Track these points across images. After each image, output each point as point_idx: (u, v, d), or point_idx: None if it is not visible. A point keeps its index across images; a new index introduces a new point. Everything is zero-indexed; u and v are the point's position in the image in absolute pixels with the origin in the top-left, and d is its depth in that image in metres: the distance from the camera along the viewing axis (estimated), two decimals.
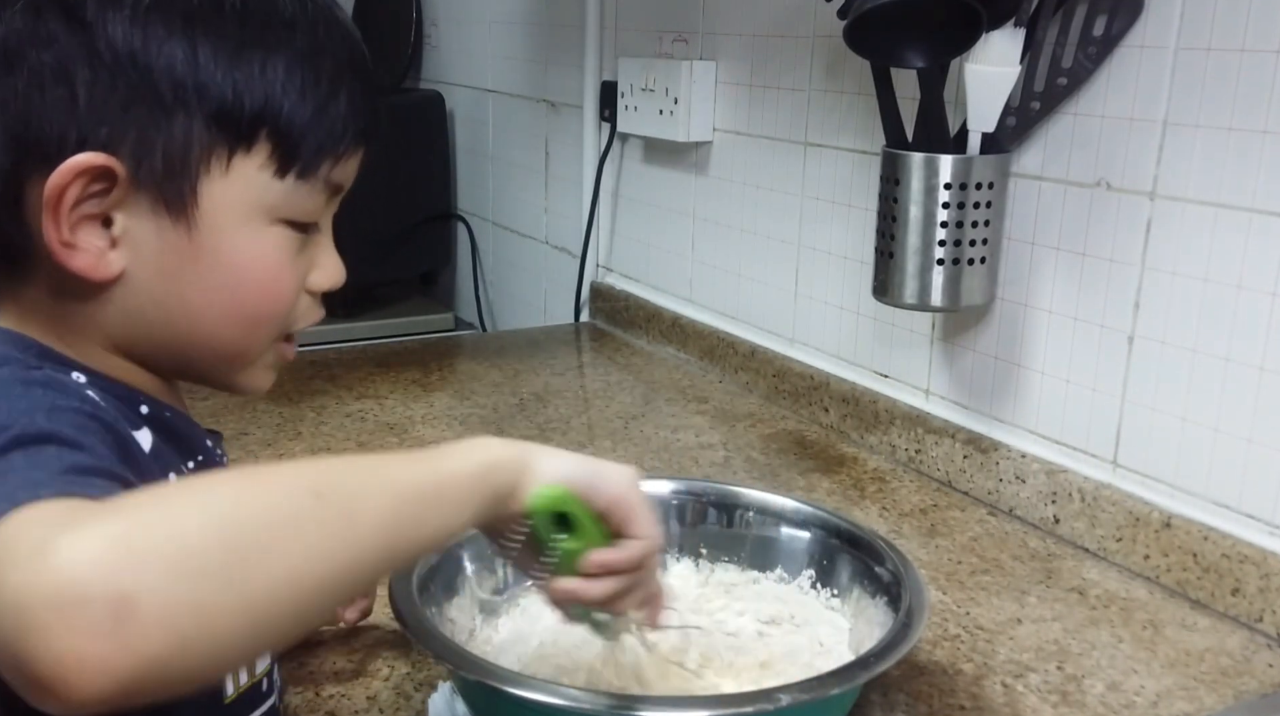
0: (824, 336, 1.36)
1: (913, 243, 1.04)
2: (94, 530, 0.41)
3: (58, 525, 0.42)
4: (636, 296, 1.69)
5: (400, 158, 2.07)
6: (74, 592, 0.40)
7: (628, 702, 0.67)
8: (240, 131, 0.57)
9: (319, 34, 0.60)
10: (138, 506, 0.44)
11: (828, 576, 0.85)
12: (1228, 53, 0.91)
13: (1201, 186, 0.94)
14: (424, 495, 0.52)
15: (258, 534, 0.44)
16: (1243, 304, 0.92)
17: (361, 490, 0.49)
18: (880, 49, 1.02)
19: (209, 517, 0.43)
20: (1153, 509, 0.98)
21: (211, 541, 0.43)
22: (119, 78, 0.55)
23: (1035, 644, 0.88)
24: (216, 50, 0.56)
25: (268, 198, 0.59)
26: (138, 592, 0.40)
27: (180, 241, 0.57)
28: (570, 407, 1.39)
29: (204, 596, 0.42)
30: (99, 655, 0.39)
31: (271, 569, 0.44)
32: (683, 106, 1.49)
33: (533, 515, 0.58)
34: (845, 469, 1.21)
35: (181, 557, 0.42)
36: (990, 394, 1.15)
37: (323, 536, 0.46)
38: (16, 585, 0.40)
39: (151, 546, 0.41)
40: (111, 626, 0.39)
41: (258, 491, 0.46)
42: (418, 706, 0.78)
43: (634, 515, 0.62)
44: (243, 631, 0.43)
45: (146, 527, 0.42)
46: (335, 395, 1.40)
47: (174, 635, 0.41)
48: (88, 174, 0.55)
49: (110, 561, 0.40)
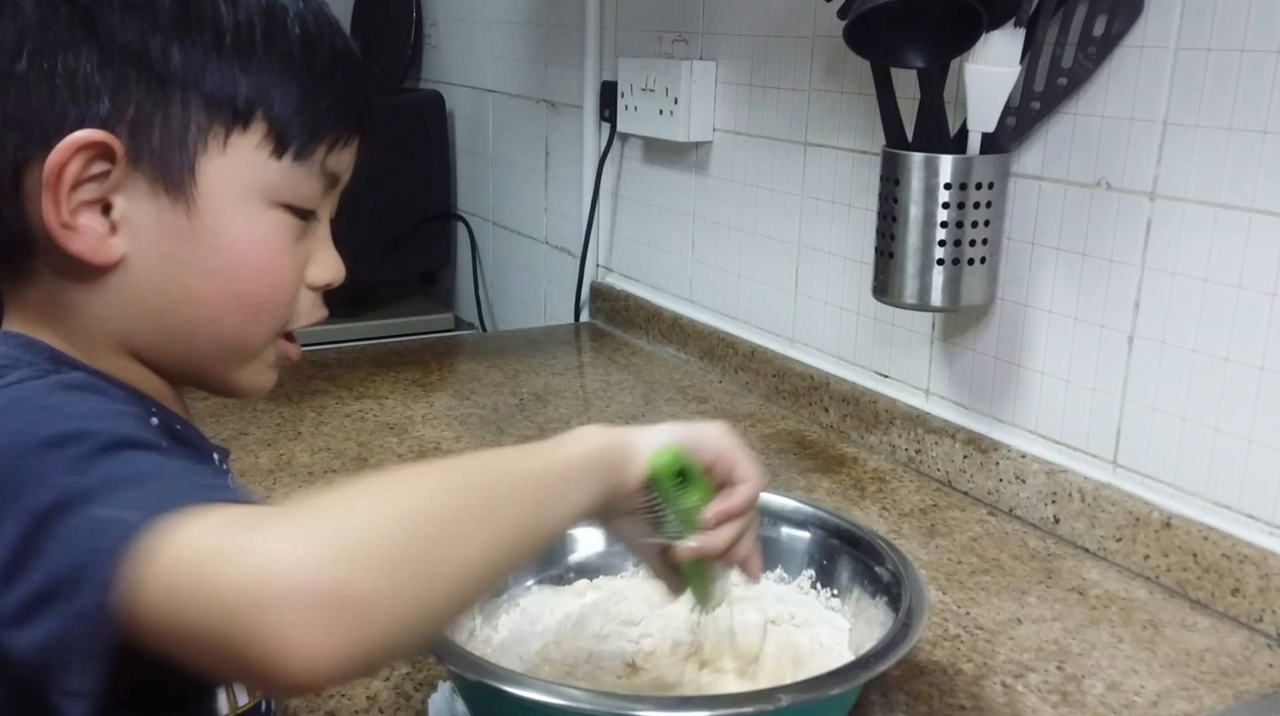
0: (824, 336, 1.36)
1: (913, 243, 1.04)
2: (295, 531, 0.45)
3: (255, 524, 0.45)
4: (636, 296, 1.69)
5: (400, 158, 2.07)
6: (304, 590, 0.43)
7: (628, 703, 0.67)
8: (236, 111, 0.58)
9: (309, 34, 0.61)
10: (319, 505, 0.47)
11: (828, 576, 0.85)
12: (1228, 53, 0.91)
13: (1201, 186, 0.94)
14: (558, 477, 0.57)
15: (437, 525, 0.48)
16: (1243, 304, 0.92)
17: (509, 480, 0.54)
18: (880, 49, 1.02)
19: (396, 515, 0.47)
20: (1153, 509, 0.98)
21: (405, 536, 0.46)
22: (118, 58, 0.56)
23: (1035, 644, 0.88)
24: (219, 37, 0.57)
25: (265, 178, 0.59)
26: (362, 587, 0.44)
27: (180, 222, 0.58)
28: (570, 407, 1.39)
29: (409, 584, 0.46)
30: (335, 647, 0.43)
31: (457, 553, 0.48)
32: (683, 106, 1.49)
33: (656, 479, 0.63)
34: (845, 469, 1.21)
35: (387, 552, 0.45)
36: (990, 394, 1.15)
37: (488, 521, 0.51)
38: (243, 580, 0.43)
39: (359, 547, 0.45)
40: (343, 622, 0.43)
41: (429, 489, 0.50)
42: (418, 706, 0.78)
43: (737, 461, 0.68)
44: (437, 610, 0.48)
45: (346, 531, 0.45)
46: (335, 395, 1.40)
47: (395, 622, 0.45)
48: (87, 150, 0.55)
49: (329, 559, 0.44)
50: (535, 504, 0.55)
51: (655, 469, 0.63)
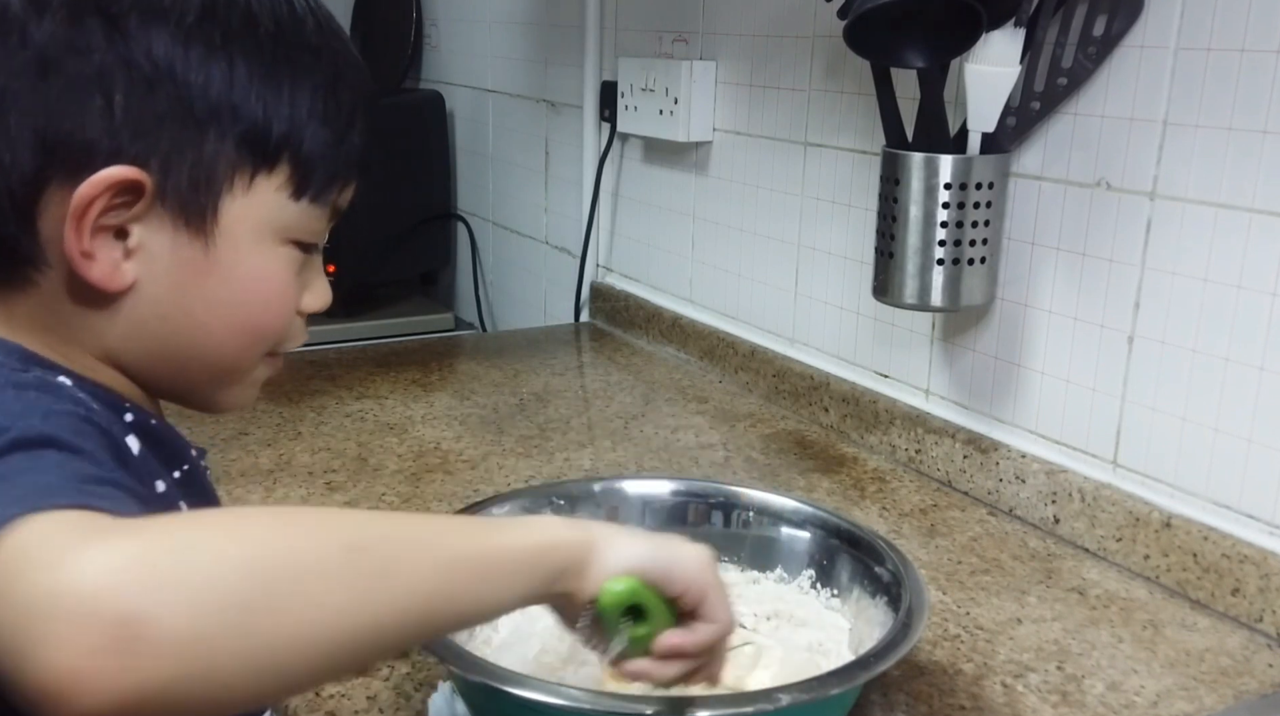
0: (824, 336, 1.36)
1: (913, 243, 1.04)
2: (116, 545, 0.42)
3: (79, 535, 0.42)
4: (636, 296, 1.69)
5: (400, 158, 2.07)
6: (86, 606, 0.40)
7: (628, 703, 0.67)
8: (265, 153, 0.58)
9: (340, 64, 0.61)
10: (164, 528, 0.44)
11: (828, 576, 0.85)
12: (1228, 53, 0.91)
13: (1201, 186, 0.94)
14: (471, 566, 0.50)
15: (282, 579, 0.43)
16: (1243, 304, 0.92)
17: (403, 551, 0.48)
18: (880, 49, 1.02)
19: (236, 553, 0.43)
20: (1153, 509, 0.98)
21: (231, 578, 0.42)
22: (156, 91, 0.55)
23: (1035, 644, 0.88)
24: (251, 72, 0.57)
25: (282, 218, 0.60)
26: (150, 615, 0.40)
27: (195, 256, 0.58)
28: (570, 407, 1.39)
29: (213, 632, 0.41)
30: (98, 671, 0.39)
31: (288, 616, 0.43)
32: (683, 106, 1.49)
33: (601, 608, 0.57)
34: (845, 469, 1.21)
35: (200, 589, 0.41)
36: (990, 394, 1.15)
37: (351, 594, 0.45)
38: (28, 592, 0.40)
39: (172, 571, 0.41)
40: (115, 645, 0.39)
41: (291, 533, 0.45)
42: (418, 706, 0.78)
43: (708, 600, 0.60)
44: (245, 675, 0.42)
45: (170, 552, 0.42)
46: (335, 395, 1.40)
47: (175, 665, 0.40)
48: (116, 186, 0.55)
49: (128, 579, 0.40)
50: (437, 585, 0.48)
51: (602, 599, 0.56)
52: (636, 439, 1.28)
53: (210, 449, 1.20)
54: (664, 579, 0.58)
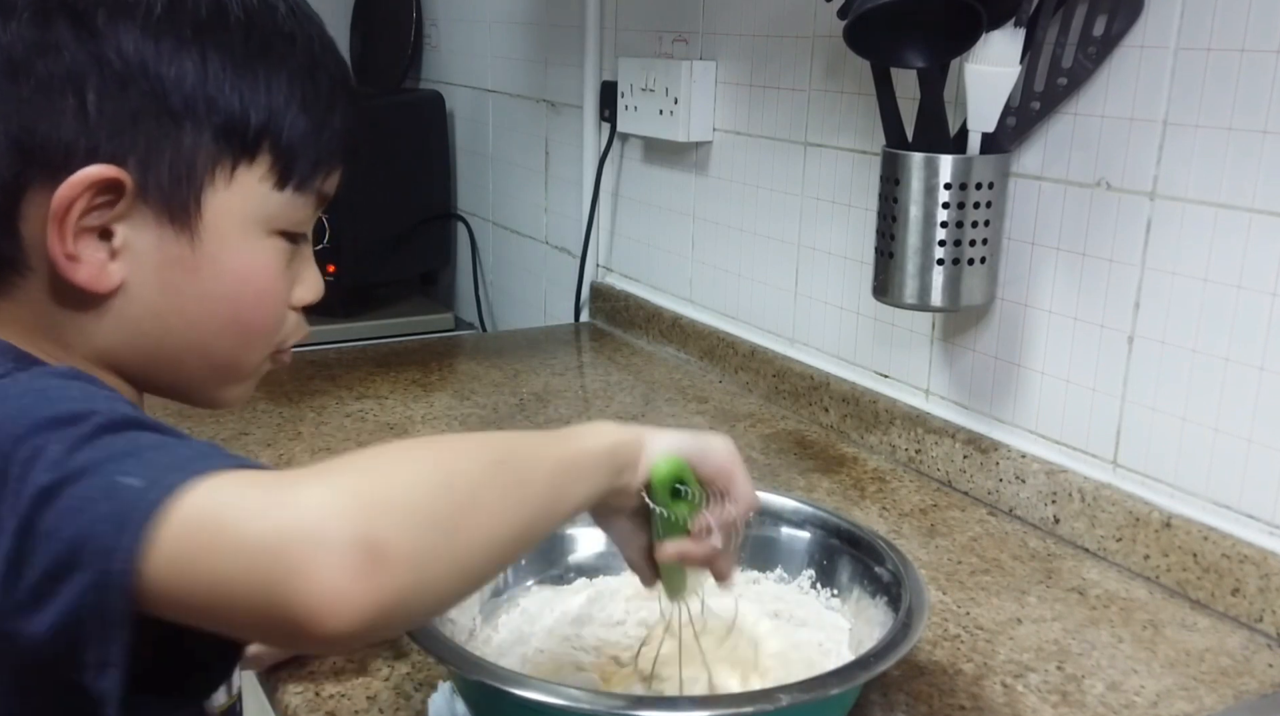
0: (824, 336, 1.36)
1: (913, 243, 1.04)
2: (324, 484, 0.46)
3: (274, 484, 0.46)
4: (636, 296, 1.69)
5: (400, 158, 2.07)
6: (332, 536, 0.43)
7: (628, 703, 0.67)
8: (245, 144, 0.58)
9: (315, 50, 0.61)
10: (342, 465, 0.48)
11: (828, 576, 0.85)
12: (1228, 53, 0.91)
13: (1201, 186, 0.94)
14: (573, 467, 0.58)
15: (467, 492, 0.49)
16: (1243, 304, 0.92)
17: (531, 460, 0.55)
18: (880, 49, 1.02)
19: (427, 476, 0.48)
20: (1153, 509, 0.98)
21: (434, 496, 0.48)
22: (129, 88, 0.55)
23: (1035, 644, 0.88)
24: (224, 62, 0.57)
25: (267, 209, 0.60)
26: (387, 537, 0.44)
27: (182, 252, 0.58)
28: (570, 407, 1.39)
29: (432, 543, 0.46)
30: (357, 591, 0.43)
31: (480, 522, 0.49)
32: (683, 106, 1.49)
33: (654, 486, 0.65)
34: (845, 469, 1.21)
35: (414, 509, 0.46)
36: (990, 394, 1.15)
37: (511, 497, 0.52)
38: (267, 531, 0.43)
39: (387, 498, 0.46)
40: (369, 566, 0.43)
41: (454, 457, 0.51)
42: (418, 706, 0.78)
43: (736, 479, 0.68)
44: (457, 575, 0.48)
45: (375, 483, 0.46)
46: (335, 395, 1.40)
47: (416, 575, 0.45)
48: (95, 186, 0.55)
49: (357, 510, 0.44)
50: (553, 488, 0.56)
51: (654, 476, 0.65)
52: None
53: None
54: (700, 460, 0.66)
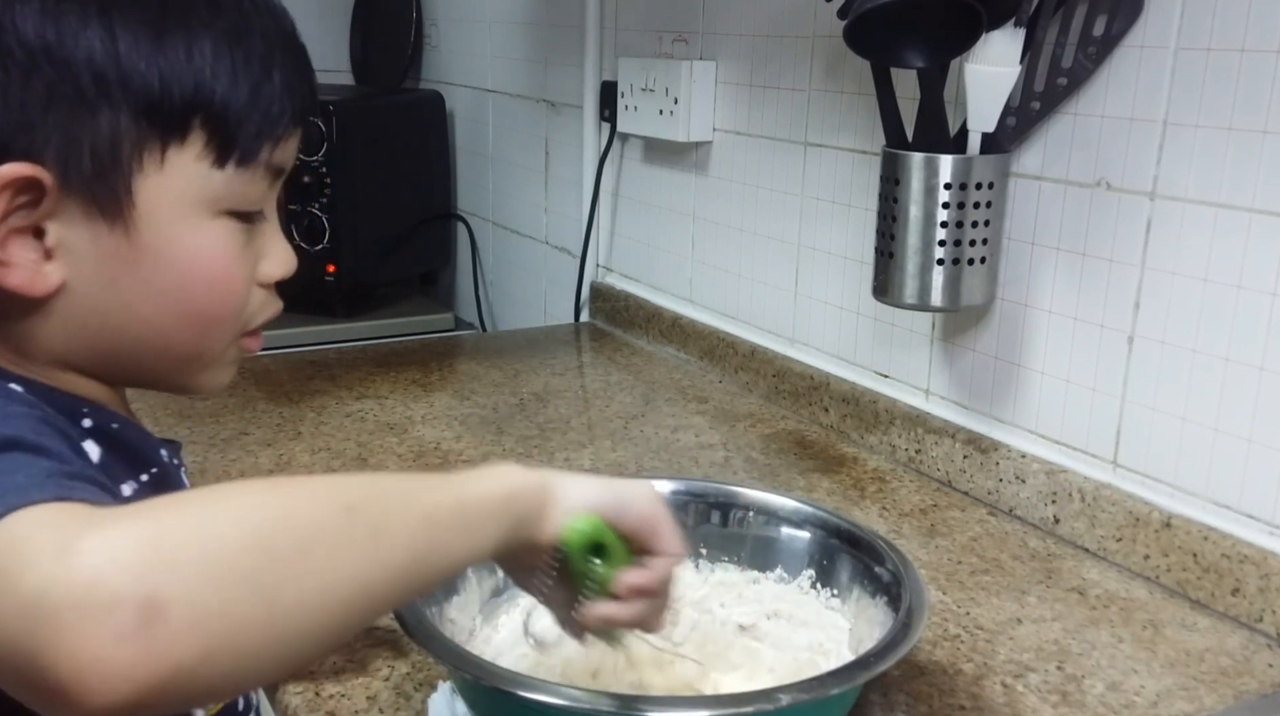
0: (824, 336, 1.36)
1: (913, 243, 1.04)
2: (118, 531, 0.40)
3: (72, 525, 0.40)
4: (636, 296, 1.69)
5: (400, 158, 2.07)
6: (101, 594, 0.38)
7: (628, 703, 0.67)
8: (172, 122, 0.53)
9: (244, 9, 0.56)
10: (162, 509, 0.42)
11: (828, 576, 0.85)
12: (1228, 53, 0.91)
13: (1201, 186, 0.94)
14: (451, 518, 0.51)
15: (290, 545, 0.43)
16: (1243, 304, 0.92)
17: (392, 508, 0.48)
18: (880, 49, 1.02)
19: (240, 525, 0.42)
20: (1153, 509, 0.98)
21: (242, 549, 0.41)
22: (34, 76, 0.51)
23: (1035, 644, 0.88)
24: (138, 36, 0.53)
25: (208, 190, 0.55)
26: (168, 596, 0.39)
27: (119, 246, 0.54)
28: (570, 407, 1.39)
29: (234, 605, 0.40)
30: (124, 659, 0.38)
31: (302, 582, 0.42)
32: (683, 106, 1.49)
33: (568, 547, 0.59)
34: (845, 469, 1.21)
35: (213, 564, 0.40)
36: (990, 394, 1.15)
37: (353, 553, 0.45)
38: (36, 585, 0.38)
39: (182, 550, 0.40)
40: (139, 630, 0.38)
41: (290, 501, 0.45)
42: (418, 706, 0.78)
43: (660, 532, 0.62)
44: (268, 645, 0.42)
45: (175, 531, 0.41)
46: (335, 395, 1.40)
47: (201, 643, 0.39)
48: (12, 186, 0.51)
49: (140, 563, 0.39)
50: (422, 539, 0.49)
51: (568, 538, 0.59)
52: (636, 439, 1.28)
53: (210, 449, 1.20)
54: (617, 514, 0.60)
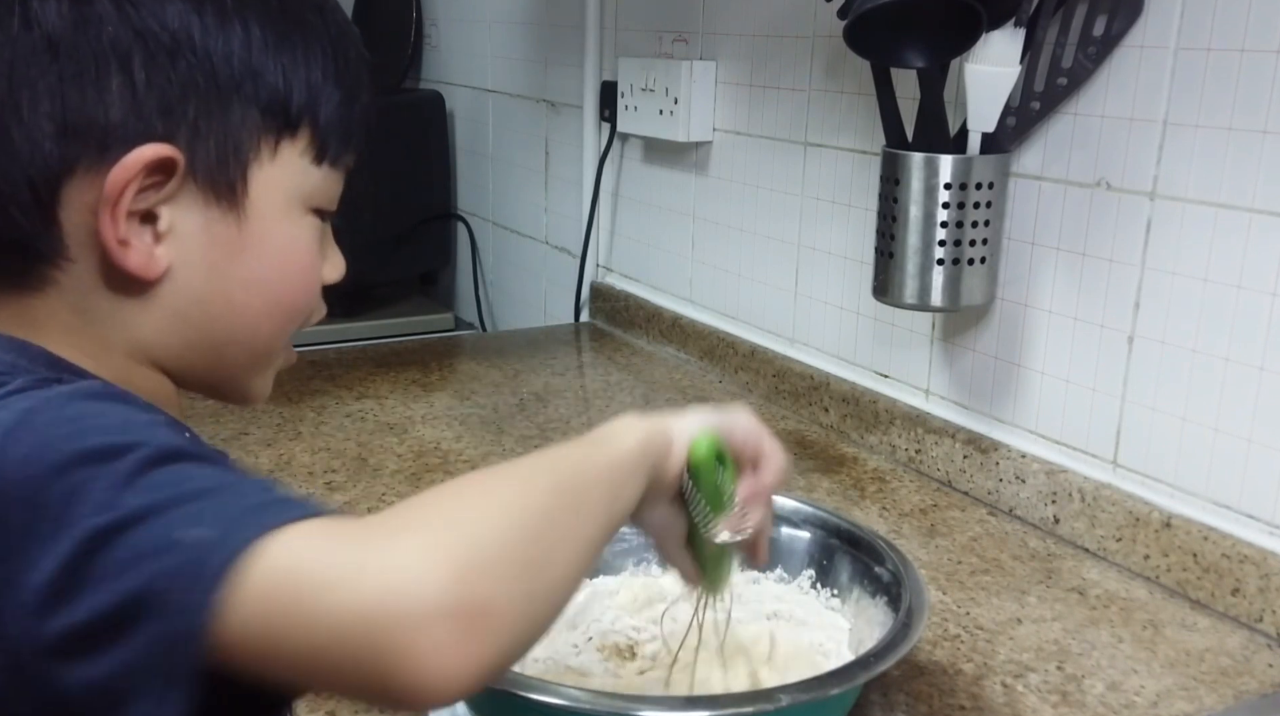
0: (824, 336, 1.36)
1: (913, 243, 1.04)
2: (406, 543, 0.44)
3: (356, 542, 0.44)
4: (636, 296, 1.69)
5: (400, 158, 2.07)
6: (430, 606, 0.42)
7: (628, 703, 0.67)
8: (289, 118, 0.57)
9: (340, 22, 0.60)
10: (421, 517, 0.46)
11: (828, 576, 0.85)
12: (1228, 53, 0.91)
13: (1201, 186, 0.94)
14: (618, 472, 0.58)
15: (542, 526, 0.48)
16: (1243, 304, 0.92)
17: (581, 479, 0.54)
18: (880, 49, 1.02)
19: (506, 520, 0.47)
20: (1153, 509, 0.98)
21: (516, 540, 0.46)
22: (177, 62, 0.53)
23: (1035, 644, 0.88)
24: (266, 35, 0.56)
25: (306, 185, 0.58)
26: (488, 597, 0.44)
27: (229, 232, 0.56)
28: (570, 408, 1.38)
29: (531, 586, 0.46)
30: (462, 658, 0.42)
31: (559, 552, 0.49)
32: (683, 106, 1.49)
33: (697, 466, 0.64)
34: (845, 469, 1.21)
35: (505, 558, 0.45)
36: (990, 394, 1.15)
37: (578, 520, 0.51)
38: (356, 605, 0.42)
39: (479, 554, 0.44)
40: (473, 632, 0.43)
41: (520, 493, 0.50)
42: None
43: (764, 443, 0.69)
44: (553, 607, 0.48)
45: (462, 538, 0.45)
46: (335, 395, 1.40)
47: (518, 625, 0.45)
48: (149, 166, 0.53)
49: (450, 573, 0.43)
50: (608, 500, 0.56)
51: (696, 457, 0.64)
52: None
53: None
54: (729, 433, 0.67)
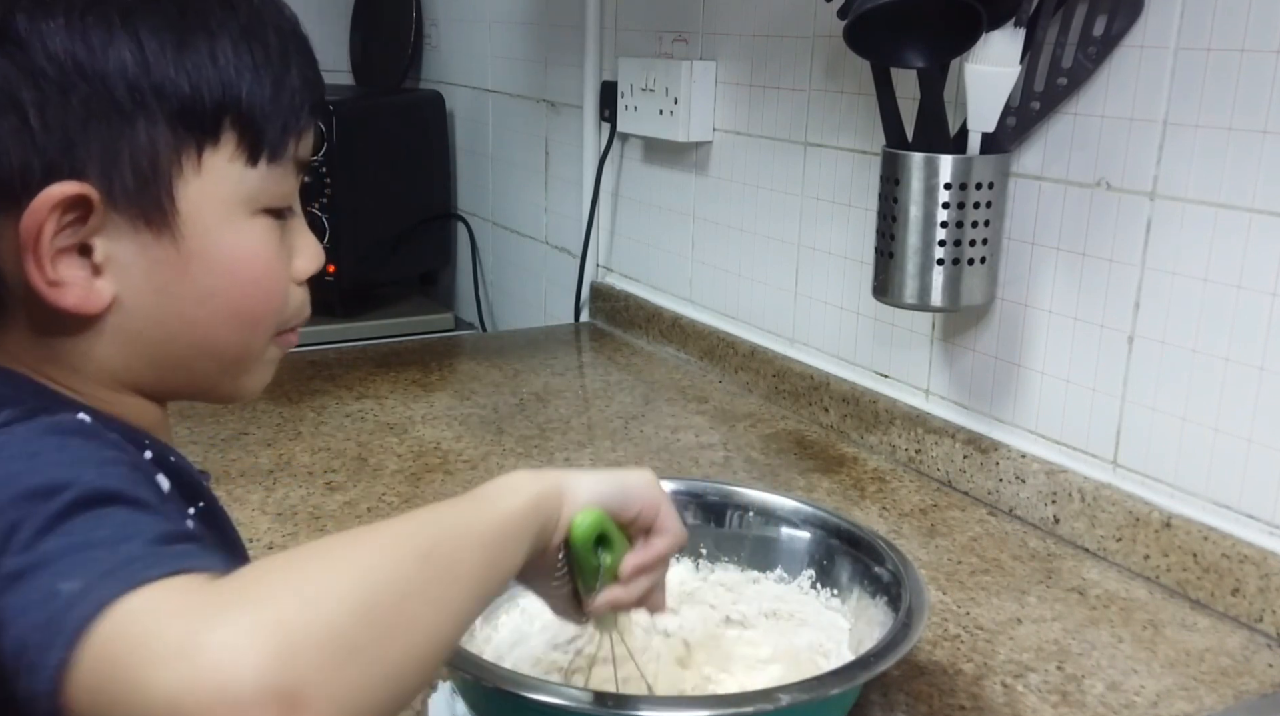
0: (824, 336, 1.36)
1: (913, 243, 1.04)
2: (238, 619, 0.41)
3: (191, 613, 0.41)
4: (636, 296, 1.69)
5: (400, 158, 2.07)
6: (242, 694, 0.39)
7: (628, 702, 0.67)
8: (205, 125, 0.54)
9: (254, 7, 0.57)
10: (267, 587, 0.43)
11: (828, 576, 0.85)
12: (1228, 53, 0.91)
13: (1201, 186, 0.94)
14: (497, 539, 0.54)
15: (390, 604, 0.44)
16: (1243, 304, 0.92)
17: (455, 546, 0.50)
18: (880, 49, 1.02)
19: (346, 596, 0.43)
20: (1153, 509, 0.98)
21: (354, 622, 0.43)
22: (70, 93, 0.51)
23: (1035, 644, 0.88)
24: (163, 42, 0.53)
25: (244, 189, 0.56)
26: (304, 684, 0.40)
27: (166, 253, 0.54)
28: (570, 407, 1.38)
29: (360, 677, 0.42)
30: None
31: (412, 630, 0.45)
32: (683, 106, 1.49)
33: (575, 544, 0.61)
34: (845, 469, 1.21)
35: (334, 640, 0.42)
36: (990, 394, 1.15)
37: (444, 592, 0.47)
38: (171, 686, 0.39)
39: (303, 633, 0.41)
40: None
41: (376, 559, 0.46)
42: (418, 706, 0.78)
43: (660, 515, 0.66)
44: (389, 698, 0.43)
45: (291, 613, 0.42)
46: (335, 395, 1.40)
47: (340, 709, 0.41)
48: (61, 206, 0.51)
49: (270, 657, 0.40)
50: (485, 567, 0.51)
51: (575, 537, 0.61)
52: (636, 439, 1.28)
53: (210, 449, 1.21)
54: (621, 505, 0.63)
